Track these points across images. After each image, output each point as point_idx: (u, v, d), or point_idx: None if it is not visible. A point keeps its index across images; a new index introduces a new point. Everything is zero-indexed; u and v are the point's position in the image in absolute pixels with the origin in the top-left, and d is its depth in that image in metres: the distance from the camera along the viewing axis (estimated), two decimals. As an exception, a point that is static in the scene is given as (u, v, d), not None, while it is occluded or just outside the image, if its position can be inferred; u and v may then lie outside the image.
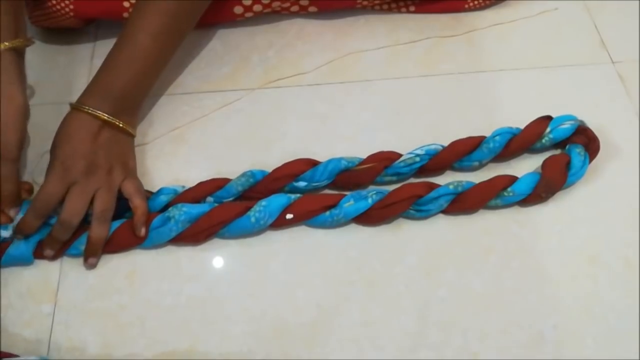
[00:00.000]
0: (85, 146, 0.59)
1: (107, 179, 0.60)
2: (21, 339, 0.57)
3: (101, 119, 0.60)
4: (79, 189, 0.58)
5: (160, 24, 0.62)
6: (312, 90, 0.73)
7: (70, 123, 0.61)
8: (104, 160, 0.60)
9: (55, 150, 0.60)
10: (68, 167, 0.58)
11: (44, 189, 0.58)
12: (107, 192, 0.59)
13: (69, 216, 0.58)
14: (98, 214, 0.59)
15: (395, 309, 0.59)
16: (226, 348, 0.57)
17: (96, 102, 0.61)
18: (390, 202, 0.61)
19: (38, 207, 0.58)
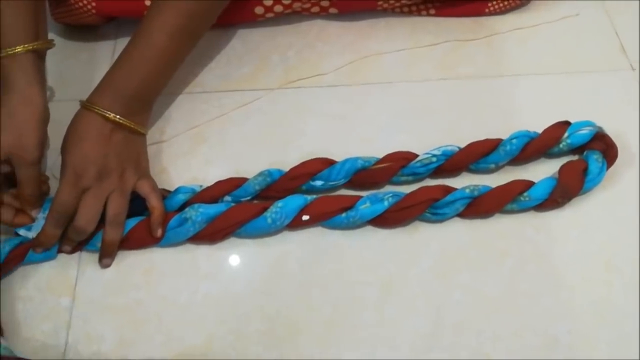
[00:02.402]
0: (97, 150, 0.59)
1: (120, 182, 0.60)
2: (39, 331, 0.58)
3: (113, 120, 0.59)
4: (92, 195, 0.58)
5: (176, 24, 0.61)
6: (331, 91, 0.73)
7: (80, 124, 0.60)
8: (116, 163, 0.60)
9: (66, 155, 0.59)
10: (80, 174, 0.58)
11: (58, 198, 0.58)
12: (119, 195, 0.59)
13: (83, 223, 0.58)
14: (111, 217, 0.59)
15: (410, 311, 0.59)
16: (241, 346, 0.57)
17: (108, 102, 0.60)
18: (407, 205, 0.61)
19: (56, 218, 0.58)
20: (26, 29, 0.60)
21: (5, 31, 0.59)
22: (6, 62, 0.59)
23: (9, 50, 0.58)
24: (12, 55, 0.58)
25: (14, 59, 0.59)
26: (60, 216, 0.58)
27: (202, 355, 0.57)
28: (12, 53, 0.58)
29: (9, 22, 0.59)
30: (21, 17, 0.60)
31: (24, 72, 0.59)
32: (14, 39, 0.59)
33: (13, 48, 0.58)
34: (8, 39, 0.59)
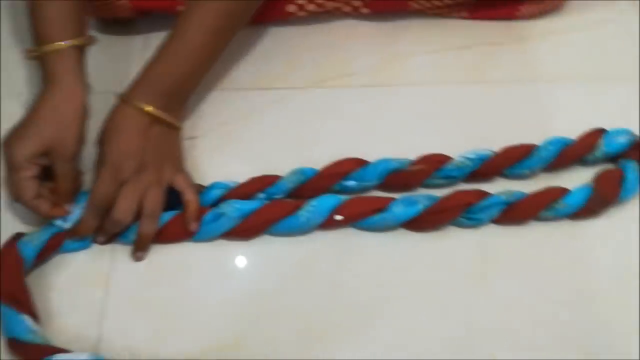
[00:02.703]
0: (136, 144, 0.59)
1: (157, 176, 0.60)
2: (72, 323, 0.58)
3: (151, 114, 0.60)
4: (131, 188, 0.58)
5: (214, 21, 0.62)
6: (361, 92, 0.73)
7: (119, 118, 0.60)
8: (153, 157, 0.60)
9: (105, 148, 0.59)
10: (119, 167, 0.58)
11: (96, 190, 0.58)
12: (157, 189, 0.60)
13: (121, 216, 0.58)
14: (148, 210, 0.59)
15: (442, 316, 0.59)
16: (272, 345, 0.57)
17: (146, 97, 0.60)
18: (441, 208, 0.61)
19: (93, 209, 0.59)
20: (71, 24, 0.60)
21: (51, 26, 0.59)
22: (50, 57, 0.59)
23: (55, 46, 0.59)
24: (56, 51, 0.59)
25: (59, 54, 0.59)
26: (99, 207, 0.58)
27: (234, 352, 0.57)
28: (57, 48, 0.58)
29: (54, 17, 0.59)
30: (67, 13, 0.60)
31: (67, 67, 0.59)
32: (59, 34, 0.59)
33: (58, 43, 0.58)
34: (53, 34, 0.59)
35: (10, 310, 0.54)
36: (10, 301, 0.54)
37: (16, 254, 0.57)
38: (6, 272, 0.56)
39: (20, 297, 0.55)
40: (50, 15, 0.60)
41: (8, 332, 0.54)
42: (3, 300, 0.54)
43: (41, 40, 0.59)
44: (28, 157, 0.57)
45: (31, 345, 0.53)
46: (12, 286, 0.55)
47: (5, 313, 0.54)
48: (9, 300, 0.54)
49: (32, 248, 0.58)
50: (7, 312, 0.54)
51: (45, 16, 0.59)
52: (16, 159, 0.57)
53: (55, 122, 0.58)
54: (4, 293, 0.55)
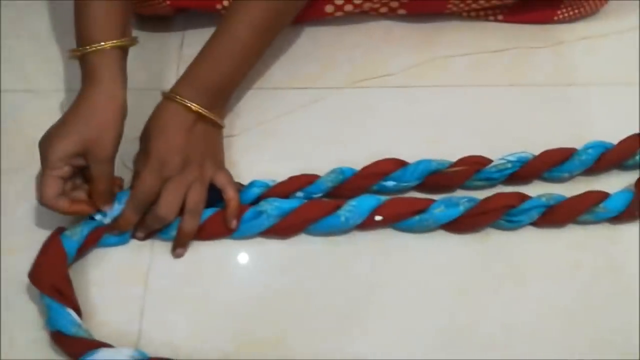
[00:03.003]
0: (181, 140, 0.59)
1: (200, 172, 0.60)
2: (112, 318, 0.58)
3: (196, 112, 0.60)
4: (175, 184, 0.59)
5: (262, 18, 0.62)
6: (397, 92, 0.73)
7: (164, 114, 0.61)
8: (197, 154, 0.60)
9: (150, 143, 0.60)
10: (164, 163, 0.58)
11: (141, 185, 0.58)
12: (200, 186, 0.60)
13: (166, 212, 0.58)
14: (191, 207, 0.59)
15: (482, 318, 0.59)
16: (314, 343, 0.57)
17: (192, 94, 0.60)
18: (482, 210, 0.61)
19: (136, 204, 0.59)
20: (115, 25, 0.59)
21: (96, 26, 0.59)
22: (93, 57, 0.58)
23: (98, 46, 0.58)
24: (100, 51, 0.58)
25: (101, 54, 0.58)
26: (141, 202, 0.59)
27: (274, 349, 0.57)
28: (100, 49, 0.58)
29: (99, 18, 0.59)
30: (111, 13, 0.59)
31: (109, 67, 0.59)
32: (103, 34, 0.58)
33: (101, 44, 0.58)
34: (97, 34, 0.58)
35: (55, 304, 0.54)
36: (54, 294, 0.55)
37: (60, 248, 0.57)
38: (50, 265, 0.56)
39: (65, 291, 0.55)
40: (94, 15, 0.59)
41: (53, 325, 0.54)
42: (48, 293, 0.55)
43: (84, 41, 0.59)
44: (63, 157, 0.56)
45: (75, 339, 0.53)
46: (57, 279, 0.56)
47: (50, 306, 0.54)
48: (53, 294, 0.55)
49: (74, 242, 0.58)
50: (52, 305, 0.54)
51: (90, 16, 0.59)
52: (50, 157, 0.56)
53: (94, 123, 0.57)
54: (49, 286, 0.55)
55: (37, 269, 0.56)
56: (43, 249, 0.57)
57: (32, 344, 0.57)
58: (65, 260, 0.57)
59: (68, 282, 0.56)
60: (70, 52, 0.60)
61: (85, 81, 0.59)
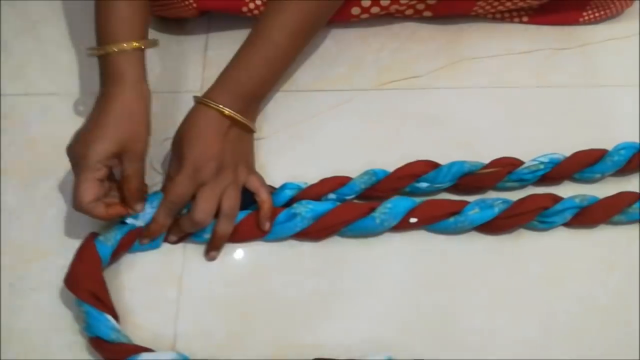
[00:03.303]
0: (216, 146, 0.59)
1: (234, 177, 0.60)
2: (147, 322, 0.58)
3: (230, 117, 0.60)
4: (210, 189, 0.58)
5: (297, 22, 0.62)
6: (425, 94, 0.73)
7: (199, 120, 0.60)
8: (231, 159, 0.60)
9: (184, 149, 0.59)
10: (199, 168, 0.58)
11: (175, 189, 0.58)
12: (234, 190, 0.60)
13: (203, 216, 0.58)
14: (226, 211, 0.59)
15: (519, 318, 0.59)
16: (351, 345, 0.57)
17: (226, 99, 0.60)
18: (517, 212, 0.61)
19: (170, 208, 0.59)
20: (138, 26, 0.60)
21: (121, 26, 0.59)
22: (117, 56, 0.58)
23: (122, 46, 0.58)
24: (124, 51, 0.58)
25: (125, 54, 0.58)
26: (175, 207, 0.58)
27: (311, 352, 0.56)
28: (125, 48, 0.58)
29: (125, 17, 0.59)
30: (136, 14, 0.60)
31: (135, 67, 0.59)
32: (128, 34, 0.59)
33: (126, 43, 0.58)
34: (122, 33, 0.59)
35: (93, 310, 0.54)
36: (92, 300, 0.54)
37: (94, 254, 0.57)
38: (87, 271, 0.56)
39: (102, 296, 0.55)
40: (120, 15, 0.59)
41: (91, 331, 0.54)
42: (85, 300, 0.54)
43: (108, 40, 0.59)
44: (102, 159, 0.56)
45: (115, 344, 0.53)
46: (93, 285, 0.55)
47: (88, 312, 0.54)
48: (91, 300, 0.54)
49: (108, 247, 0.58)
50: (90, 311, 0.54)
51: (115, 16, 0.59)
52: (89, 160, 0.55)
53: (129, 121, 0.58)
54: (86, 292, 0.55)
55: (73, 275, 0.56)
56: (78, 255, 0.57)
57: (67, 348, 0.57)
58: (101, 266, 0.57)
59: (104, 287, 0.56)
60: (91, 50, 0.60)
61: (109, 80, 0.59)
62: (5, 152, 0.69)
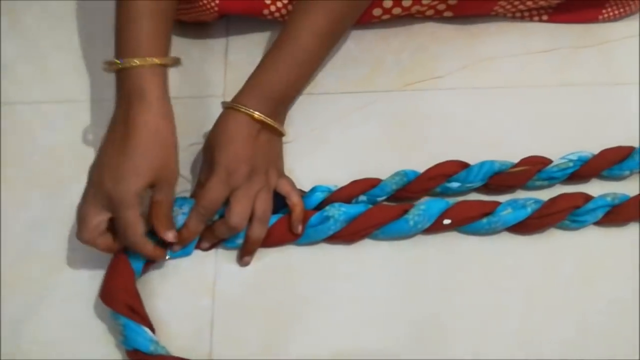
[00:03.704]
0: (248, 150, 0.58)
1: (266, 180, 0.60)
2: (183, 333, 0.58)
3: (260, 121, 0.59)
4: (243, 193, 0.58)
5: (325, 24, 0.61)
6: (448, 94, 0.73)
7: (229, 125, 0.59)
8: (262, 163, 0.60)
9: (216, 154, 0.58)
10: (232, 172, 0.58)
11: (208, 195, 0.57)
12: (267, 194, 0.59)
13: (238, 221, 0.57)
14: (259, 215, 0.59)
15: (554, 318, 0.59)
16: (389, 351, 0.57)
17: (256, 103, 0.59)
18: (549, 212, 0.61)
19: (203, 213, 0.58)
20: (163, 41, 0.57)
21: (145, 40, 0.56)
22: (138, 72, 0.55)
23: (147, 61, 0.55)
24: (146, 66, 0.55)
25: (148, 70, 0.55)
26: (207, 212, 0.58)
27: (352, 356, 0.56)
28: (147, 64, 0.55)
29: (148, 31, 0.56)
30: (160, 29, 0.57)
31: (157, 85, 0.56)
32: (151, 49, 0.56)
33: (151, 59, 0.55)
34: (145, 48, 0.56)
35: (131, 322, 0.53)
36: (128, 313, 0.54)
37: (127, 266, 0.56)
38: (121, 284, 0.55)
39: (137, 309, 0.54)
40: (143, 29, 0.56)
41: (129, 344, 0.53)
42: (123, 313, 0.53)
43: (128, 53, 0.55)
44: (140, 192, 0.54)
45: (154, 356, 0.53)
46: (128, 298, 0.55)
47: (126, 325, 0.53)
48: (127, 312, 0.54)
49: (139, 259, 0.57)
50: (128, 324, 0.53)
51: (138, 30, 0.56)
52: (128, 196, 0.53)
53: (159, 147, 0.55)
54: (122, 305, 0.54)
55: (108, 289, 0.55)
56: (111, 268, 0.57)
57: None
58: (134, 278, 0.56)
59: (139, 299, 0.55)
60: (109, 65, 0.57)
61: (130, 98, 0.55)
62: (28, 162, 0.68)
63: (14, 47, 0.76)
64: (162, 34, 0.58)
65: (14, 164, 0.68)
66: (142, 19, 0.56)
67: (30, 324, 0.59)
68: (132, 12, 0.56)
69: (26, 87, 0.73)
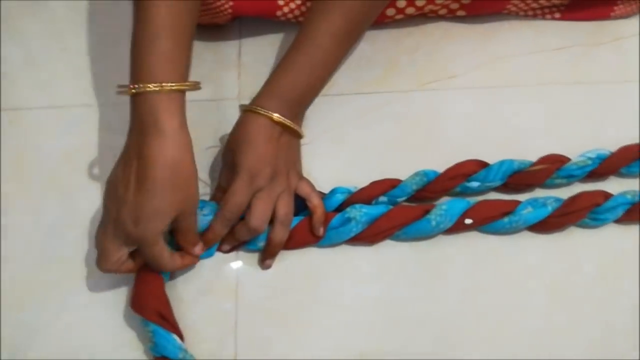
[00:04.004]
0: (270, 152, 0.58)
1: (287, 182, 0.59)
2: (207, 336, 0.58)
3: (280, 123, 0.59)
4: (265, 195, 0.58)
5: (343, 24, 0.61)
6: (464, 94, 0.73)
7: (250, 127, 0.59)
8: (283, 165, 0.59)
9: (238, 157, 0.58)
10: (255, 175, 0.57)
11: (233, 199, 0.57)
12: (288, 196, 0.59)
13: (258, 223, 0.57)
14: (281, 217, 0.58)
15: (578, 318, 0.58)
16: (412, 349, 0.57)
17: (275, 105, 0.59)
18: (570, 210, 0.61)
19: (228, 217, 0.58)
20: (183, 65, 0.54)
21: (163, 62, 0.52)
22: (155, 98, 0.52)
23: (165, 86, 0.52)
24: (164, 92, 0.52)
25: (166, 96, 0.52)
26: (232, 216, 0.58)
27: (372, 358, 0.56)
28: (165, 89, 0.52)
29: (168, 55, 0.53)
30: (181, 52, 0.54)
31: (173, 112, 0.52)
32: (170, 74, 0.52)
33: (169, 83, 0.52)
34: (163, 73, 0.52)
35: (161, 330, 0.53)
36: (159, 321, 0.53)
37: (156, 273, 0.55)
38: (150, 292, 0.55)
39: (168, 316, 0.54)
40: (163, 52, 0.52)
41: (159, 351, 0.53)
42: (153, 320, 0.53)
43: (145, 77, 0.52)
44: (164, 228, 0.53)
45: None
46: (159, 305, 0.54)
47: (156, 332, 0.53)
48: (158, 320, 0.53)
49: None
50: (158, 331, 0.53)
51: (157, 52, 0.52)
52: (152, 236, 0.52)
53: (180, 181, 0.52)
54: (152, 312, 0.54)
55: (138, 297, 0.55)
56: (139, 275, 0.56)
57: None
58: (163, 285, 0.56)
59: (169, 306, 0.55)
60: (123, 89, 0.53)
61: (146, 126, 0.52)
62: (43, 167, 0.67)
63: (26, 52, 0.75)
64: (182, 55, 0.54)
65: (29, 169, 0.67)
66: (161, 37, 0.52)
67: (52, 330, 0.59)
68: (150, 29, 0.52)
69: (41, 91, 0.72)
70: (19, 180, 0.66)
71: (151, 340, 0.54)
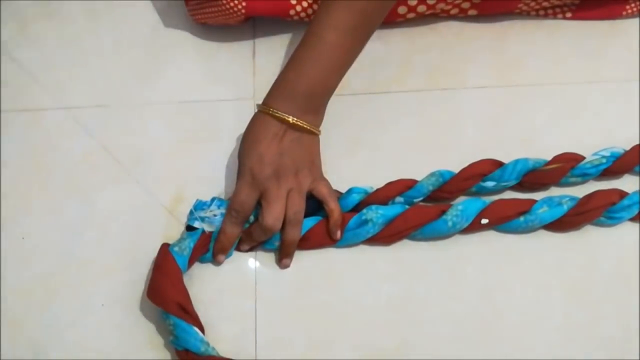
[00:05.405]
0: (271, 151, 0.59)
1: (296, 181, 0.60)
2: (228, 335, 0.58)
3: (286, 121, 0.59)
4: (273, 194, 0.58)
5: (349, 20, 0.60)
6: (478, 93, 0.73)
7: (255, 127, 0.60)
8: (290, 163, 0.60)
9: (243, 157, 0.59)
10: (256, 174, 0.58)
11: (236, 198, 0.58)
12: (297, 194, 0.59)
13: (271, 222, 0.58)
14: (290, 217, 0.59)
15: (597, 316, 0.59)
16: (436, 351, 0.57)
17: (281, 103, 0.60)
18: (585, 209, 0.61)
19: (235, 217, 0.59)
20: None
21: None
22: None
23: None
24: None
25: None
26: (239, 215, 0.58)
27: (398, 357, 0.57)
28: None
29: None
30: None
31: None
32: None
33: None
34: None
35: (182, 322, 0.53)
36: (179, 312, 0.54)
37: (174, 264, 0.56)
38: (169, 283, 0.55)
39: (188, 308, 0.54)
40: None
41: (180, 344, 0.53)
42: (173, 312, 0.54)
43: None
44: None
45: (205, 357, 0.53)
46: (179, 297, 0.55)
47: (176, 324, 0.54)
48: (178, 312, 0.54)
49: (184, 257, 0.58)
50: (179, 324, 0.54)
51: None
52: None
53: None
54: (172, 304, 0.54)
55: (156, 288, 0.55)
56: (157, 267, 0.57)
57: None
58: (182, 277, 0.56)
59: (189, 298, 0.56)
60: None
61: None
62: (62, 168, 0.68)
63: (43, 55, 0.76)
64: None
65: (48, 171, 0.67)
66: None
67: (75, 330, 0.59)
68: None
69: (59, 93, 0.73)
70: (39, 181, 0.67)
71: (172, 333, 0.54)
